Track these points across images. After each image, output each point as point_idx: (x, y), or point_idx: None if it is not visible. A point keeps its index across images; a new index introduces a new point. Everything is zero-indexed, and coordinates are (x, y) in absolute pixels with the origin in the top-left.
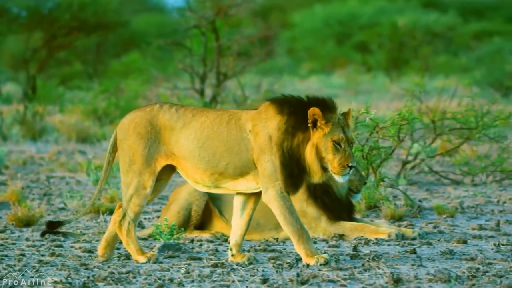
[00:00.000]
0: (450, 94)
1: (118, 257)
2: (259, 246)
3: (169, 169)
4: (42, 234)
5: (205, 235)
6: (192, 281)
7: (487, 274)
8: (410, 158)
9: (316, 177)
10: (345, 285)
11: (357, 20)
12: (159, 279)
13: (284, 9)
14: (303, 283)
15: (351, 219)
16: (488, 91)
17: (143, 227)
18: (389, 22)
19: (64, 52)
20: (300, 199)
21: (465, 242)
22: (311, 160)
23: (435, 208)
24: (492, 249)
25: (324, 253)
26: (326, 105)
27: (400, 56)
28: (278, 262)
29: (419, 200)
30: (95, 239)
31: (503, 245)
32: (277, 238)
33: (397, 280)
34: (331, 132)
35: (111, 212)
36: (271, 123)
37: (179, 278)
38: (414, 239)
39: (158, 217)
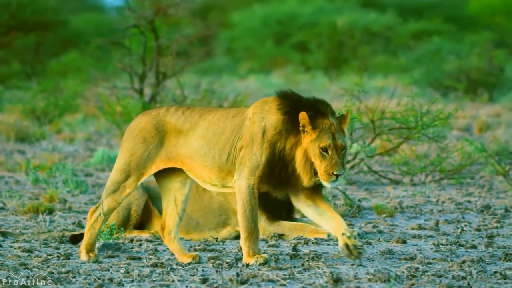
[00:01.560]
0: (389, 94)
1: (58, 256)
2: (199, 246)
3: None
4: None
5: (144, 235)
6: (132, 281)
7: (426, 273)
8: (349, 157)
9: (305, 180)
10: (284, 285)
11: (296, 20)
12: (99, 279)
13: (223, 9)
14: (242, 283)
15: (291, 218)
16: (427, 91)
17: (82, 227)
18: (328, 22)
19: (2, 51)
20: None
21: (404, 241)
22: (300, 163)
23: (375, 208)
24: (431, 248)
25: (264, 252)
26: (318, 110)
27: (339, 56)
28: (218, 261)
29: (359, 200)
30: (34, 238)
31: (442, 244)
32: (217, 238)
33: (337, 280)
34: (319, 138)
35: (50, 211)
36: (270, 117)
37: (118, 277)
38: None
39: None
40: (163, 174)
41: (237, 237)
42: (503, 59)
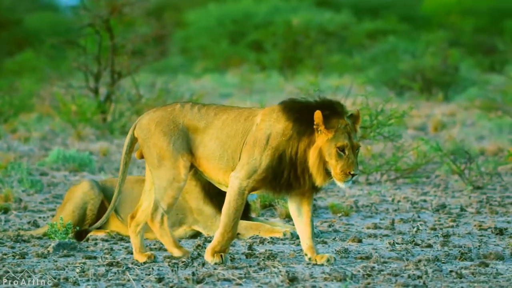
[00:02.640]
0: (344, 93)
1: (13, 256)
2: (154, 245)
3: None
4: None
5: (100, 234)
6: (88, 280)
7: (382, 272)
8: None
9: (319, 180)
10: (240, 284)
11: (251, 19)
12: (54, 278)
13: (178, 8)
14: (198, 282)
15: (247, 218)
16: (382, 90)
17: (38, 226)
18: (283, 21)
19: None
20: (197, 198)
21: (360, 241)
22: (315, 163)
23: (330, 207)
24: (387, 247)
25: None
26: (334, 109)
27: (294, 55)
28: (174, 261)
29: (314, 199)
30: None
31: (397, 243)
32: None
33: (293, 279)
34: (336, 138)
35: (5, 211)
36: (277, 126)
37: (74, 277)
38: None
39: (53, 216)
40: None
41: (193, 236)
42: (458, 58)
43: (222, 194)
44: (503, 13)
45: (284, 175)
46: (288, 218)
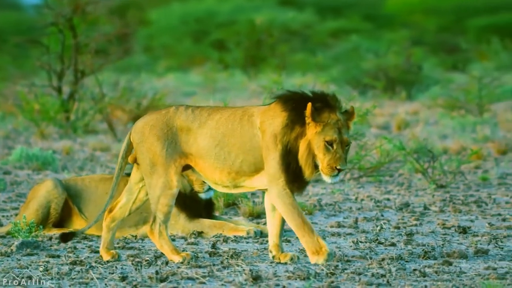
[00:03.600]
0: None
1: None
2: (118, 243)
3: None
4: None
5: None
6: (51, 279)
7: (345, 271)
8: None
9: (307, 172)
10: (204, 283)
11: (214, 18)
12: (18, 277)
13: (142, 7)
14: (162, 281)
15: (210, 216)
16: (345, 89)
17: (1, 225)
18: (246, 20)
19: None
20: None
21: (323, 239)
22: (303, 155)
23: None
24: (351, 246)
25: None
26: (327, 103)
27: (258, 54)
28: (137, 259)
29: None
30: None
31: (361, 242)
32: (136, 236)
33: (256, 278)
34: (325, 131)
35: None
36: (276, 121)
37: (37, 275)
38: None
39: (16, 214)
40: (138, 167)
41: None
42: (421, 57)
43: (185, 194)
44: (466, 12)
45: (293, 167)
46: (251, 216)
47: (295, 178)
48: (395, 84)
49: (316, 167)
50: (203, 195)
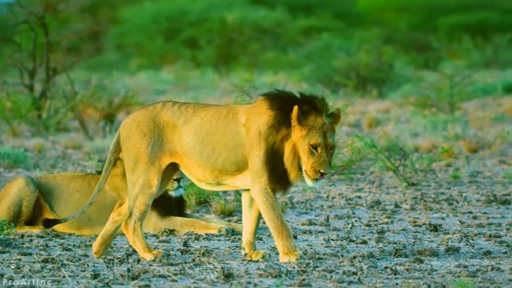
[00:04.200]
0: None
1: None
2: (89, 241)
3: (172, 168)
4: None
5: (35, 231)
6: (23, 276)
7: (317, 269)
8: None
9: (292, 175)
10: (176, 280)
11: (186, 16)
12: None
13: (113, 5)
14: (133, 279)
15: (182, 214)
16: (317, 87)
17: None
18: (218, 18)
19: None
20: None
21: (295, 237)
22: (289, 157)
23: None
24: (322, 244)
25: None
26: (314, 106)
27: (229, 52)
28: (109, 257)
29: None
30: None
31: (332, 240)
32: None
33: (228, 275)
34: (310, 135)
35: None
36: (261, 118)
37: (9, 273)
38: None
39: None
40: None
41: None
42: (392, 55)
43: None
44: (437, 11)
45: (278, 168)
46: (223, 214)
47: (279, 180)
48: (366, 82)
49: (301, 169)
50: (172, 193)
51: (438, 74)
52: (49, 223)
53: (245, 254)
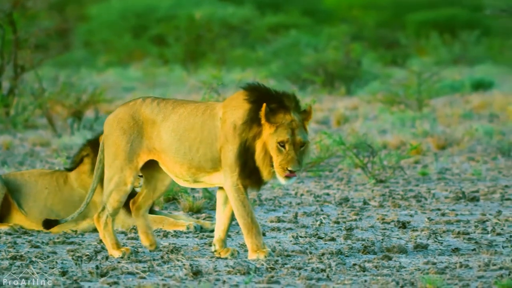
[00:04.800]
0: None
1: None
2: (58, 238)
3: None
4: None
5: (3, 228)
6: None
7: (285, 266)
8: None
9: (265, 173)
10: (144, 277)
11: (154, 13)
12: None
13: (81, 2)
14: (102, 276)
15: (150, 211)
16: (285, 84)
17: None
18: (186, 15)
19: None
20: (99, 192)
21: (263, 234)
22: (260, 155)
23: None
24: (291, 241)
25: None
26: (282, 103)
27: (197, 49)
28: (78, 254)
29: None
30: None
31: (301, 237)
32: (76, 231)
33: (197, 272)
34: (278, 132)
35: None
36: (238, 112)
37: None
38: (212, 231)
39: None
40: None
41: (97, 229)
42: (360, 52)
43: None
44: (405, 7)
45: (249, 165)
46: (191, 211)
47: (250, 176)
48: (334, 79)
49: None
50: (138, 190)
51: (406, 71)
52: (49, 224)
53: (215, 251)
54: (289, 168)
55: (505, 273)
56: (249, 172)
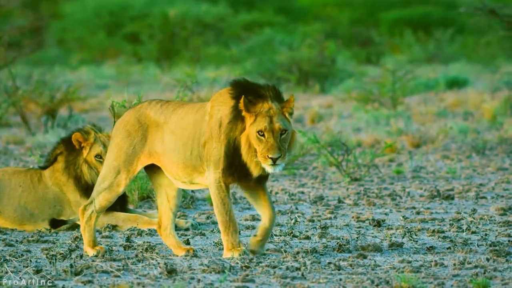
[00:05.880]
0: (221, 85)
1: None
2: (32, 237)
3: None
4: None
5: None
6: None
7: (260, 264)
8: None
9: (252, 166)
10: (119, 276)
11: (128, 10)
12: None
13: (54, 0)
14: (77, 274)
15: (124, 209)
16: (259, 82)
17: None
18: (160, 12)
19: None
20: (74, 190)
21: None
22: (244, 149)
23: (208, 199)
24: None
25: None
26: (258, 94)
27: (171, 47)
28: (52, 253)
29: (192, 191)
30: None
31: (276, 235)
32: (50, 229)
33: (171, 271)
34: (256, 122)
35: None
36: (224, 108)
37: None
38: (187, 229)
39: None
40: (153, 170)
41: (71, 228)
42: (334, 50)
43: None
44: (379, 5)
45: (241, 162)
46: None
47: (234, 173)
48: (308, 77)
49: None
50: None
51: (380, 69)
52: (56, 224)
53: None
54: (270, 156)
55: (480, 271)
56: (234, 170)
